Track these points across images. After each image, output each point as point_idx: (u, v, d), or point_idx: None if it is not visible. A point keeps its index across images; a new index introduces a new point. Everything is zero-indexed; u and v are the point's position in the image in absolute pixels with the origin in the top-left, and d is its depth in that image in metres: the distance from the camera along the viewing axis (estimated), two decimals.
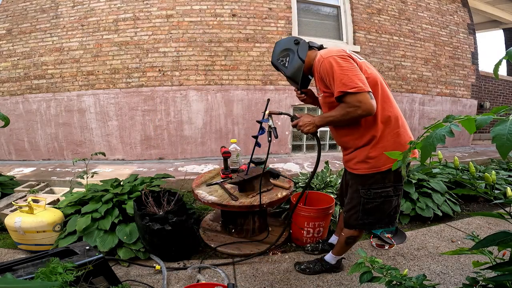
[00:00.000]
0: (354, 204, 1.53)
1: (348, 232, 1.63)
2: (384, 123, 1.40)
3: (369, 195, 1.47)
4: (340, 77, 1.28)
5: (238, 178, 1.99)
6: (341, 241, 1.69)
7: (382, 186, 1.45)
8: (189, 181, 3.16)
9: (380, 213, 1.50)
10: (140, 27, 3.84)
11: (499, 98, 6.31)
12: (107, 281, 1.48)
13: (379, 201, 1.47)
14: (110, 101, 3.91)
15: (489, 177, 0.78)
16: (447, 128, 0.59)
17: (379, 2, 4.57)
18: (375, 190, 1.46)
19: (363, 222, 1.52)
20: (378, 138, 1.40)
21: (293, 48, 1.52)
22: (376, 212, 1.50)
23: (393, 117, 1.41)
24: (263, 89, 4.08)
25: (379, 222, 1.52)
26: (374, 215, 1.50)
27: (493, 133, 0.51)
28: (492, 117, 0.55)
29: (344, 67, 1.30)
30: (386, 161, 1.39)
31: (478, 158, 4.45)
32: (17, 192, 2.72)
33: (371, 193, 1.47)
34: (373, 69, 1.46)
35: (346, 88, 1.27)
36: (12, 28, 4.00)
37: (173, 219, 1.85)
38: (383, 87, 1.42)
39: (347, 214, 1.58)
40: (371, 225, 1.54)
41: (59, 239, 1.97)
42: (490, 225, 2.44)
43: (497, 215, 0.77)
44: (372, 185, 1.46)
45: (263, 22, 4.02)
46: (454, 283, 1.69)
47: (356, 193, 1.51)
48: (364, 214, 1.51)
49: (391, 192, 1.46)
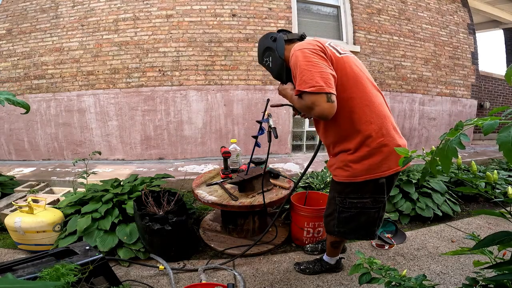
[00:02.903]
0: (331, 211, 1.48)
1: (330, 237, 1.61)
2: (366, 130, 1.27)
3: (344, 204, 1.41)
4: (302, 72, 1.18)
5: (238, 178, 1.99)
6: (328, 245, 1.70)
7: (359, 196, 1.36)
8: (189, 181, 3.16)
9: (356, 224, 1.43)
10: (140, 27, 3.84)
11: (499, 98, 6.31)
12: (107, 281, 1.48)
13: (354, 212, 1.40)
14: (110, 101, 3.91)
15: (490, 176, 0.78)
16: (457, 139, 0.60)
17: (379, 2, 4.57)
18: (351, 200, 1.38)
19: (338, 230, 1.47)
20: (360, 145, 1.29)
21: (272, 46, 1.40)
22: (351, 222, 1.43)
23: (376, 125, 1.27)
24: (263, 89, 4.08)
25: (354, 233, 1.46)
26: (349, 225, 1.44)
27: (498, 141, 0.52)
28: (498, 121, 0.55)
29: (311, 62, 1.18)
30: (366, 171, 1.30)
31: (478, 158, 4.45)
32: (17, 192, 2.72)
33: (346, 202, 1.40)
34: (360, 67, 1.34)
35: (303, 87, 1.17)
36: (12, 28, 4.00)
37: (173, 219, 1.85)
38: (366, 89, 1.29)
39: (326, 219, 1.54)
40: (346, 234, 1.48)
41: (59, 239, 1.97)
42: (490, 225, 2.44)
43: (498, 214, 0.77)
44: (349, 194, 1.38)
45: (263, 22, 4.02)
46: (454, 283, 1.69)
47: (333, 199, 1.46)
48: (339, 223, 1.45)
49: (369, 203, 1.37)
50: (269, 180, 2.13)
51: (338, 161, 1.39)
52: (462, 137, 0.60)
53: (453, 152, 0.59)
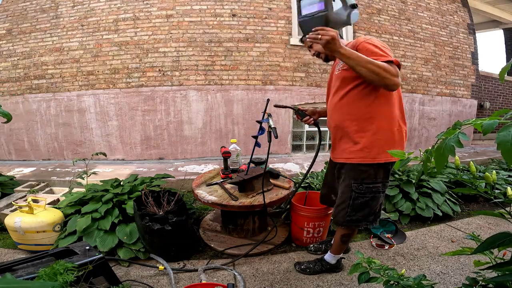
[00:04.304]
0: (344, 199, 1.53)
1: (341, 230, 1.65)
2: (395, 115, 1.42)
3: (361, 190, 1.47)
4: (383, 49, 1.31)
5: (238, 178, 1.99)
6: (336, 240, 1.71)
7: (374, 181, 1.46)
8: (189, 181, 3.16)
9: (368, 210, 1.51)
10: (140, 27, 3.84)
11: (499, 98, 6.31)
12: (107, 281, 1.48)
13: (369, 197, 1.48)
14: (110, 101, 3.91)
15: (489, 177, 0.78)
16: (455, 138, 0.60)
17: (379, 2, 4.57)
18: (367, 185, 1.46)
19: (350, 219, 1.52)
20: (386, 127, 1.42)
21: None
22: (365, 208, 1.50)
23: (401, 113, 1.46)
24: (263, 89, 4.08)
25: (365, 219, 1.53)
26: (362, 211, 1.51)
27: (497, 140, 0.52)
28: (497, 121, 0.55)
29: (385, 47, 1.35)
30: (382, 154, 1.40)
31: (478, 158, 4.45)
32: (17, 192, 2.72)
33: (362, 188, 1.47)
34: None
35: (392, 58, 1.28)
36: (12, 28, 4.00)
37: (173, 219, 1.85)
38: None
39: (336, 209, 1.59)
40: (358, 222, 1.53)
41: (59, 239, 1.97)
42: (490, 225, 2.44)
43: (497, 214, 0.77)
44: (365, 180, 1.46)
45: (263, 22, 4.02)
46: (454, 283, 1.69)
47: (347, 187, 1.51)
48: (352, 210, 1.51)
49: (380, 188, 1.48)
50: (269, 180, 2.13)
51: (357, 140, 1.45)
52: (461, 135, 0.60)
53: (451, 150, 0.59)
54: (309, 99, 4.23)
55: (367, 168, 1.44)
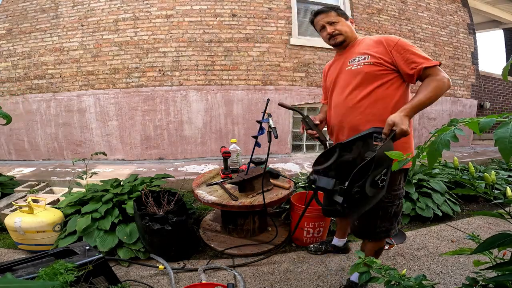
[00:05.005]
0: (371, 211, 1.30)
1: (371, 245, 1.48)
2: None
3: (389, 198, 1.36)
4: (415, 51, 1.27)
5: (238, 178, 1.99)
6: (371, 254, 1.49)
7: (399, 187, 1.38)
8: (189, 181, 3.15)
9: (396, 217, 1.42)
10: (140, 27, 3.84)
11: (499, 98, 6.31)
12: (107, 281, 1.48)
13: (397, 204, 1.39)
14: (110, 101, 3.91)
15: (488, 177, 0.78)
16: (451, 133, 0.59)
17: (379, 2, 4.57)
18: (395, 192, 1.36)
19: (380, 230, 1.41)
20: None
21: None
22: (394, 216, 1.40)
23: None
24: (263, 89, 4.08)
25: (393, 227, 1.43)
26: (391, 220, 1.40)
27: (495, 136, 0.51)
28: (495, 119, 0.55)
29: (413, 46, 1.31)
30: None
31: (478, 158, 4.45)
32: (17, 192, 2.72)
33: (391, 196, 1.35)
34: None
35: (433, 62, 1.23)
36: (12, 28, 4.00)
37: (173, 219, 1.85)
38: None
39: (361, 223, 1.45)
40: (388, 232, 1.42)
41: (59, 239, 1.97)
42: (490, 225, 2.44)
43: (497, 215, 0.77)
44: (392, 187, 1.34)
45: (263, 22, 4.02)
46: (454, 283, 1.69)
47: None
48: (382, 221, 1.39)
49: (403, 192, 1.42)
50: (269, 180, 2.13)
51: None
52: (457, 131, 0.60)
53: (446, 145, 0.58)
54: (309, 99, 4.23)
55: (394, 174, 1.31)
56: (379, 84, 1.32)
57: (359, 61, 1.36)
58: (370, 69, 1.32)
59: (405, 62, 1.28)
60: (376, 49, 1.33)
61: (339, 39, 1.43)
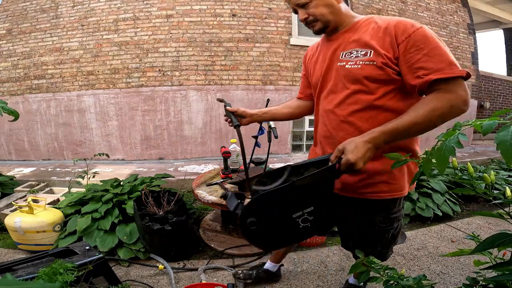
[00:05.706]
0: (367, 238, 1.18)
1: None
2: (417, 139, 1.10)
3: (387, 222, 1.14)
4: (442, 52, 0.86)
5: (238, 178, 1.99)
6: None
7: (398, 209, 1.15)
8: (189, 181, 3.15)
9: (394, 240, 1.22)
10: (140, 27, 3.84)
11: (499, 98, 6.31)
12: (107, 281, 1.48)
13: (395, 226, 1.17)
14: (110, 101, 3.91)
15: (487, 178, 0.78)
16: (455, 139, 0.60)
17: (379, 2, 4.58)
18: (394, 215, 1.14)
19: (380, 254, 1.23)
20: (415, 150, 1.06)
21: None
22: (394, 238, 1.21)
23: None
24: (263, 89, 4.08)
25: (390, 251, 1.27)
26: (388, 244, 1.21)
27: (496, 140, 0.52)
28: (497, 122, 0.55)
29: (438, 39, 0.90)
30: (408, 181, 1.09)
31: (478, 158, 4.45)
32: (17, 192, 2.72)
33: (389, 219, 1.13)
34: None
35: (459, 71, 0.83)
36: (12, 28, 4.00)
37: (173, 219, 1.85)
38: None
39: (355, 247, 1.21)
40: (383, 256, 1.24)
41: (59, 239, 1.97)
42: (490, 225, 2.44)
43: (496, 215, 0.77)
44: (391, 210, 1.13)
45: (263, 22, 4.02)
46: (454, 283, 1.69)
47: (370, 224, 1.14)
48: (384, 247, 1.21)
49: (403, 214, 1.21)
50: None
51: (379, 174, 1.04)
52: (461, 136, 0.60)
53: (451, 151, 0.59)
54: None
55: (395, 200, 1.11)
56: (382, 94, 0.97)
57: (357, 57, 0.97)
58: (371, 72, 0.94)
59: (409, 66, 0.89)
60: (383, 41, 0.93)
61: (317, 26, 1.04)
